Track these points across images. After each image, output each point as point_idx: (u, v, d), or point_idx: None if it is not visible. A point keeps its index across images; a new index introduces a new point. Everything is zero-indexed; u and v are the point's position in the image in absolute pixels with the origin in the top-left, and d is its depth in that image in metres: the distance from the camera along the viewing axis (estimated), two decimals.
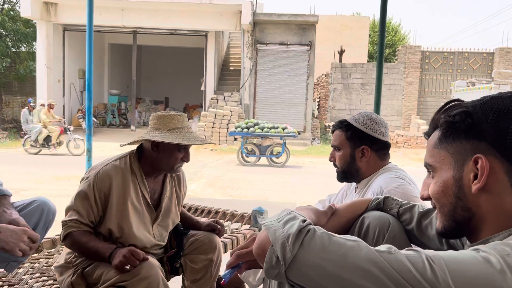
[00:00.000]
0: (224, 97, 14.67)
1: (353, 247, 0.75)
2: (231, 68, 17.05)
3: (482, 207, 0.82)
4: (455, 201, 0.85)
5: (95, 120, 14.31)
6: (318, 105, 19.20)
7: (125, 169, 1.78)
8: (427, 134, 0.94)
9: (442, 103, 0.92)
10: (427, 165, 0.92)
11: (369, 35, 23.25)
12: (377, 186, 1.66)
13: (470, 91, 14.17)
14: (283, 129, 10.36)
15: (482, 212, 0.82)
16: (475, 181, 0.81)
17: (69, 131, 11.29)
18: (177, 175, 1.99)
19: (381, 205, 1.19)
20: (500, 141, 0.79)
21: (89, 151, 4.00)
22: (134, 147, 1.90)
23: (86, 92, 4.03)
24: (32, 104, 11.88)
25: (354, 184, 1.91)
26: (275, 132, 10.23)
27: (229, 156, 11.51)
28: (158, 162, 1.81)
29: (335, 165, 1.88)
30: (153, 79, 22.04)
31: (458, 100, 0.90)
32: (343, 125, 1.83)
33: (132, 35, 16.15)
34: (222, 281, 1.01)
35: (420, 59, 17.56)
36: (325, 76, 18.90)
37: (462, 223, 0.86)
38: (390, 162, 1.84)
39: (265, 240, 0.83)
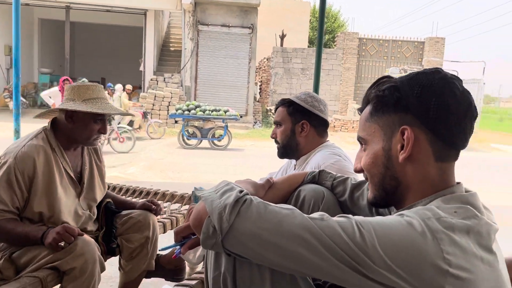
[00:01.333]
0: (164, 78, 14.32)
1: (288, 215, 0.77)
2: (172, 48, 16.63)
3: (408, 176, 0.88)
4: (384, 171, 0.90)
5: (24, 100, 13.40)
6: (260, 88, 19.32)
7: (45, 146, 1.71)
8: (360, 110, 0.99)
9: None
10: (359, 139, 0.97)
11: (310, 21, 23.63)
12: (315, 163, 1.73)
13: None
14: (225, 112, 10.33)
15: (407, 180, 0.88)
16: (402, 151, 0.86)
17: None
18: (94, 147, 1.95)
19: (316, 178, 1.24)
20: (424, 113, 0.84)
21: (17, 131, 3.75)
22: (47, 121, 1.82)
23: (13, 69, 3.76)
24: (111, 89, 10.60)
25: (293, 161, 1.97)
26: (217, 115, 10.18)
27: (170, 139, 11.31)
28: (73, 134, 1.76)
29: (276, 141, 1.94)
30: (88, 58, 20.98)
31: (388, 76, 0.95)
32: (286, 102, 1.90)
33: (64, 10, 15.21)
34: (174, 255, 1.00)
35: (357, 45, 18.16)
36: (267, 60, 19.01)
37: (390, 192, 0.91)
38: (328, 141, 1.91)
39: (202, 211, 0.84)
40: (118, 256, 2.00)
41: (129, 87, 11.60)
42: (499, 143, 14.78)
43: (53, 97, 9.01)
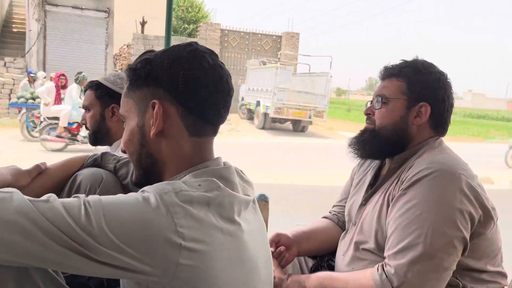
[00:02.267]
0: (5, 62, 12.66)
1: (4, 199, 0.68)
2: (14, 30, 14.76)
3: (162, 152, 0.85)
4: (140, 148, 0.86)
5: None
6: None
7: None
8: None
9: (240, 80, 0.93)
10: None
11: (174, 9, 23.21)
12: None
13: (261, 69, 15.62)
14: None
15: (163, 157, 0.86)
16: (153, 126, 0.83)
17: None
18: None
19: (99, 161, 1.16)
20: (173, 87, 0.82)
21: None
22: None
23: None
24: None
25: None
26: None
27: (12, 131, 10.06)
28: None
29: (86, 128, 1.79)
30: None
31: (152, 50, 0.91)
32: (93, 84, 1.75)
33: None
34: None
35: (220, 36, 18.43)
36: (127, 47, 18.15)
37: (148, 170, 0.88)
38: None
39: None
40: None
41: None
42: (346, 131, 16.48)
43: (48, 94, 7.97)
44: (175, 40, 17.24)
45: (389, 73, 1.34)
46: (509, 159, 9.77)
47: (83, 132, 7.91)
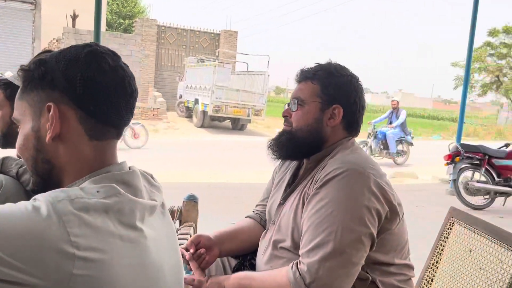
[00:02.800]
0: None
1: None
2: None
3: (60, 158, 0.81)
4: (36, 154, 0.81)
5: None
6: None
7: None
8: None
9: (178, 77, 0.88)
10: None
11: (108, 3, 22.34)
12: None
13: (199, 67, 15.49)
14: None
15: (61, 162, 0.81)
16: (49, 131, 0.79)
17: None
18: None
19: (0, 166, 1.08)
20: (70, 89, 0.78)
21: None
22: None
23: None
24: None
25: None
26: None
27: None
28: None
29: None
30: None
31: (49, 50, 0.87)
32: (2, 84, 1.63)
33: None
34: None
35: (156, 32, 18.01)
36: (57, 41, 17.20)
37: (45, 177, 0.83)
38: None
39: None
40: None
41: None
42: None
43: None
44: (110, 36, 16.63)
45: (304, 76, 1.37)
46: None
47: None
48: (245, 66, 17.06)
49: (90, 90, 0.78)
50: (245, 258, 1.52)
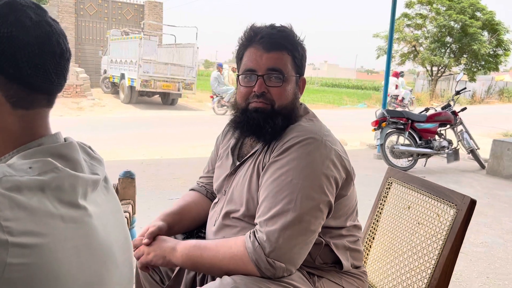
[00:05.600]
0: None
1: None
2: None
3: None
4: None
5: None
6: None
7: None
8: None
9: (101, 52, 0.73)
10: None
11: None
12: None
13: (124, 40, 14.72)
14: None
15: None
16: None
17: None
18: None
19: None
20: None
21: None
22: None
23: None
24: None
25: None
26: None
27: None
28: None
29: None
30: None
31: None
32: None
33: None
34: None
35: (74, 3, 16.76)
36: None
37: None
38: None
39: None
40: None
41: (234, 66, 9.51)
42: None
43: None
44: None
45: (278, 44, 1.22)
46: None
47: None
48: (173, 39, 16.50)
49: (7, 49, 0.66)
50: (192, 233, 1.47)
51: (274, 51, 1.22)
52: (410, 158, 6.22)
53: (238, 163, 1.33)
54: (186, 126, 10.22)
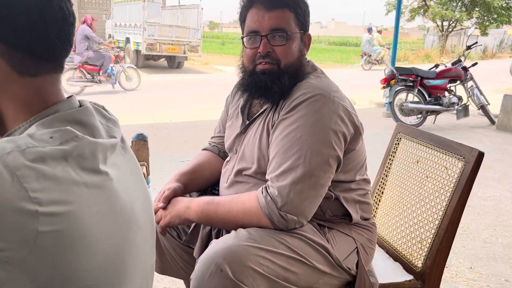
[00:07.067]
0: None
1: None
2: None
3: None
4: None
5: None
6: None
7: None
8: None
9: (104, 15, 0.72)
10: None
11: None
12: None
13: (127, 3, 14.44)
14: None
15: None
16: None
17: None
18: None
19: None
20: None
21: None
22: None
23: None
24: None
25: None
26: None
27: None
28: None
29: None
30: None
31: None
32: None
33: None
34: None
35: None
36: None
37: None
38: None
39: None
40: None
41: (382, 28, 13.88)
42: (221, 65, 16.47)
43: None
44: None
45: (279, 2, 1.23)
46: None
47: None
48: (176, 0, 16.16)
49: (7, 17, 0.66)
50: (206, 191, 1.52)
51: (276, 9, 1.22)
52: (419, 116, 6.19)
53: (248, 122, 1.35)
54: (194, 89, 10.20)
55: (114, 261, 0.72)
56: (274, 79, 1.23)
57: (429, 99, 6.16)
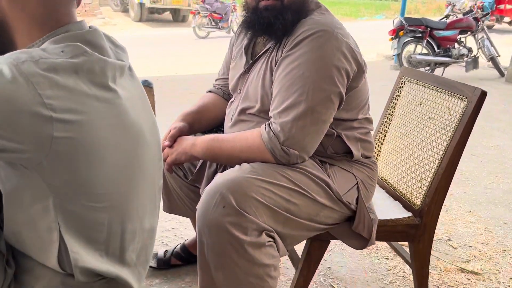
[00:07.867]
0: None
1: None
2: None
3: (5, 11, 0.74)
4: None
5: None
6: None
7: None
8: None
9: None
10: None
11: None
12: None
13: None
14: None
15: (7, 17, 0.74)
16: None
17: None
18: None
19: None
20: None
21: None
22: None
23: None
24: None
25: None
26: None
27: None
28: None
29: None
30: None
31: None
32: None
33: None
34: None
35: None
36: None
37: None
38: None
39: None
40: None
41: None
42: None
43: None
44: None
45: None
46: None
47: None
48: None
49: None
50: (211, 131, 1.55)
51: None
52: (427, 68, 6.11)
53: (251, 61, 1.36)
54: (198, 42, 10.06)
55: (124, 173, 0.76)
56: (277, 15, 1.22)
57: (438, 50, 6.05)
